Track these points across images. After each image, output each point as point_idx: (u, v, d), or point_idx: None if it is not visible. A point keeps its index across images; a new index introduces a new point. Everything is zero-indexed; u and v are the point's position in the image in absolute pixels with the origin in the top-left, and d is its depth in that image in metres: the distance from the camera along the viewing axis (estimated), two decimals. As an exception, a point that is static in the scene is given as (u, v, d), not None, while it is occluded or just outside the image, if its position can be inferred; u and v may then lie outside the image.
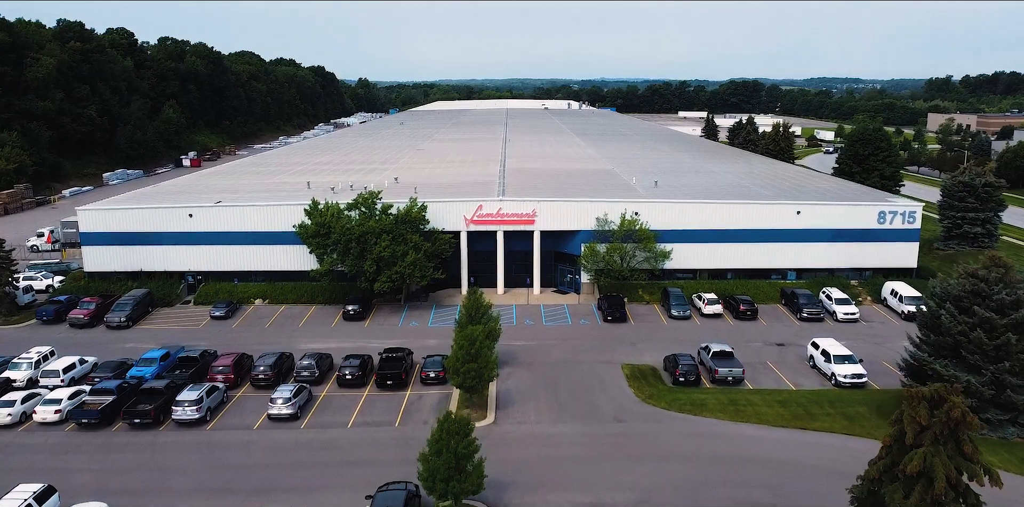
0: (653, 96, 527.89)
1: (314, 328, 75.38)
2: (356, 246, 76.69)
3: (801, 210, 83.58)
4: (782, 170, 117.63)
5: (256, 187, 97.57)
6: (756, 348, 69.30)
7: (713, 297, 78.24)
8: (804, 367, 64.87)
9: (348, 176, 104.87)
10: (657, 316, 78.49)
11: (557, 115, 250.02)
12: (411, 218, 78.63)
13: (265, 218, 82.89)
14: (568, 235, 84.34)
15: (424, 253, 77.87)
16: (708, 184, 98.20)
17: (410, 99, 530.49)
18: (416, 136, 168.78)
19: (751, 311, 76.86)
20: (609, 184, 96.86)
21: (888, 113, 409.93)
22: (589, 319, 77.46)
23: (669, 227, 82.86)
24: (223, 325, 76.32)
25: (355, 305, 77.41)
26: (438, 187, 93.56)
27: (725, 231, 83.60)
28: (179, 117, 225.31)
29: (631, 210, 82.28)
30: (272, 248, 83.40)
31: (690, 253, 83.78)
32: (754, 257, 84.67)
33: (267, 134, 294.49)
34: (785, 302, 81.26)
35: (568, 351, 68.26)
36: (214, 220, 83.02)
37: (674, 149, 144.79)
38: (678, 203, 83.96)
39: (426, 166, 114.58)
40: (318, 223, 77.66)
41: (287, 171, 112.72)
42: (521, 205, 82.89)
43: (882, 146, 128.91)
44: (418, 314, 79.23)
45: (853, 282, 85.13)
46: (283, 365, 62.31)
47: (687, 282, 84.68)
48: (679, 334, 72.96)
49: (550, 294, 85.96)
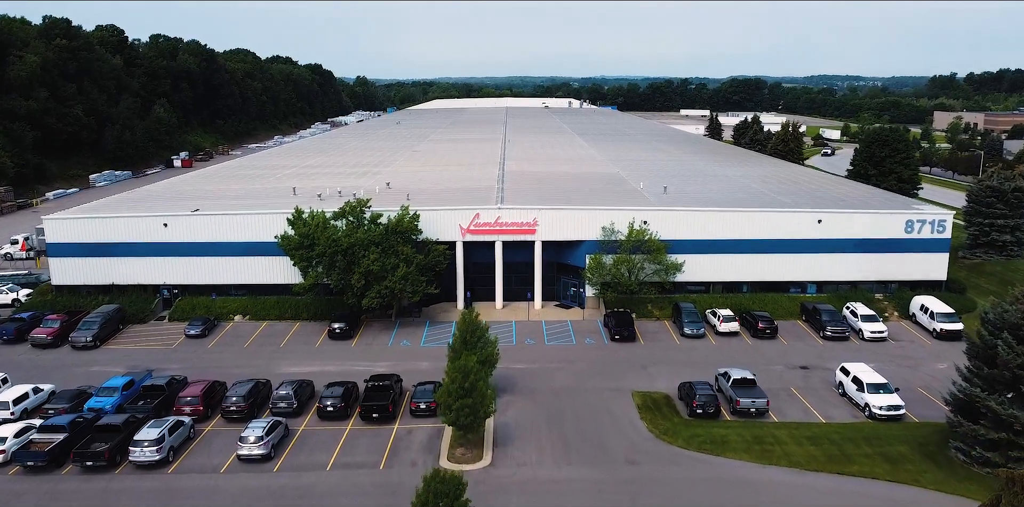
0: (654, 94, 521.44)
1: (297, 348, 69.48)
2: (342, 259, 70.77)
3: (823, 218, 77.60)
4: (797, 173, 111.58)
5: (239, 193, 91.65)
6: (778, 372, 63.38)
7: (729, 314, 72.29)
8: (832, 395, 58.95)
9: (338, 180, 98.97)
10: (668, 334, 72.59)
11: (558, 114, 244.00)
12: (402, 228, 72.71)
13: (245, 228, 76.98)
14: (572, 246, 78.42)
15: (416, 266, 71.99)
16: (720, 189, 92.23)
17: (409, 97, 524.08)
18: (412, 136, 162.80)
19: (770, 329, 70.91)
20: (615, 190, 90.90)
21: (893, 111, 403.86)
22: (595, 338, 71.56)
23: (680, 237, 76.93)
24: (198, 344, 70.43)
25: (342, 323, 71.47)
26: (433, 193, 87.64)
27: (740, 241, 77.65)
28: (170, 116, 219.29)
29: (639, 219, 76.34)
30: (253, 260, 77.51)
31: (703, 265, 77.85)
32: (771, 269, 78.72)
33: (262, 133, 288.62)
34: (806, 318, 75.32)
35: (573, 376, 62.37)
36: (191, 230, 77.09)
37: (681, 150, 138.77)
38: (690, 211, 77.96)
39: (421, 169, 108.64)
40: (302, 234, 71.74)
41: (274, 174, 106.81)
42: (521, 213, 76.97)
43: (899, 147, 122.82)
44: (410, 332, 73.32)
45: (878, 296, 79.19)
46: (259, 394, 56.40)
47: (699, 296, 78.75)
48: (693, 355, 67.08)
49: (552, 309, 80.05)
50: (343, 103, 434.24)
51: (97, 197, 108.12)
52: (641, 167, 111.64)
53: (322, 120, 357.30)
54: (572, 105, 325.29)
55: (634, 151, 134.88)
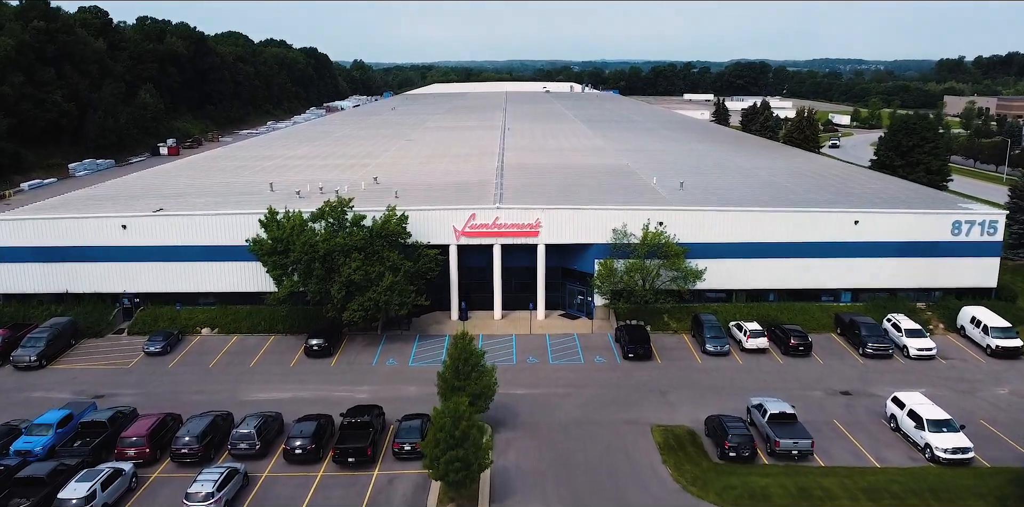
0: (657, 78, 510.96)
1: (269, 368, 61.43)
2: (320, 267, 62.62)
3: (860, 219, 69.34)
4: (824, 166, 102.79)
5: (214, 188, 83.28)
6: (817, 399, 55.38)
7: (757, 328, 64.16)
8: (883, 430, 50.94)
9: (322, 174, 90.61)
10: (688, 350, 64.54)
11: (559, 99, 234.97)
12: (389, 231, 64.51)
13: (214, 230, 68.77)
14: (579, 249, 70.23)
15: (404, 274, 63.88)
16: (741, 185, 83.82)
17: (407, 81, 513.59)
18: (407, 123, 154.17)
19: (804, 346, 62.82)
20: (625, 185, 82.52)
21: (902, 96, 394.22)
22: (606, 355, 63.51)
23: (700, 240, 68.75)
24: (158, 364, 62.39)
25: (320, 338, 63.35)
26: (425, 190, 79.29)
27: (768, 245, 69.44)
28: (157, 102, 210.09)
29: (655, 219, 68.08)
30: (223, 266, 69.33)
31: (724, 271, 69.67)
32: (802, 276, 70.55)
33: (255, 119, 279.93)
34: (841, 331, 67.24)
35: (582, 405, 54.33)
36: (153, 232, 68.88)
37: (692, 138, 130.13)
38: (712, 211, 69.62)
39: (413, 161, 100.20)
40: (275, 238, 63.57)
41: (255, 166, 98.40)
42: (522, 214, 68.72)
43: (928, 136, 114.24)
44: (397, 348, 65.27)
45: (920, 305, 71.12)
46: (217, 432, 48.38)
47: (721, 306, 70.69)
48: (718, 378, 59.04)
49: (557, 319, 71.97)
50: (339, 88, 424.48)
51: (77, 187, 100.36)
52: (651, 158, 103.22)
53: (317, 105, 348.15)
54: (574, 89, 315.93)
55: (642, 140, 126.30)
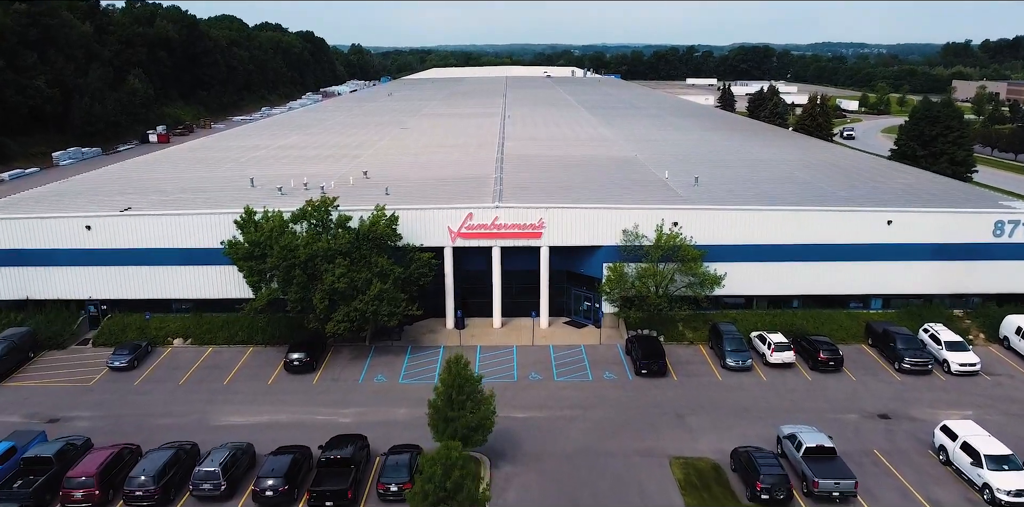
0: (659, 62, 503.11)
1: (245, 385, 55.65)
2: (301, 274, 56.76)
3: (893, 219, 63.40)
4: (845, 157, 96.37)
5: (189, 183, 77.17)
6: (852, 424, 49.64)
7: (782, 341, 58.31)
8: (930, 463, 45.23)
9: (311, 166, 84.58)
10: (706, 364, 58.76)
11: (560, 83, 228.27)
12: (377, 234, 58.56)
13: (187, 231, 62.84)
14: (585, 252, 64.35)
15: (394, 281, 58.02)
16: (759, 179, 77.75)
17: (405, 66, 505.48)
18: (403, 110, 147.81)
19: (834, 361, 57.02)
20: (634, 180, 76.47)
21: (909, 80, 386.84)
22: (616, 370, 57.72)
23: (719, 241, 62.83)
24: (123, 380, 56.61)
25: (301, 352, 57.50)
26: (417, 186, 73.24)
27: (792, 247, 63.50)
28: (146, 88, 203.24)
29: (669, 219, 62.14)
30: (197, 270, 63.50)
31: (745, 275, 63.78)
32: (829, 281, 64.68)
33: (249, 105, 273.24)
34: (872, 342, 61.50)
35: (591, 431, 48.58)
36: (120, 233, 62.96)
37: (701, 126, 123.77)
38: (733, 211, 63.59)
39: (407, 153, 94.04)
40: (252, 241, 57.67)
41: (238, 158, 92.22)
42: (524, 213, 62.75)
43: (952, 125, 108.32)
44: (387, 362, 59.48)
45: (957, 313, 65.32)
46: (179, 468, 42.69)
47: (740, 313, 64.94)
48: (741, 397, 53.28)
49: (562, 327, 66.18)
50: (336, 72, 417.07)
51: (62, 176, 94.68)
52: (660, 149, 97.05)
53: (314, 90, 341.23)
54: (575, 74, 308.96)
55: (648, 128, 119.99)
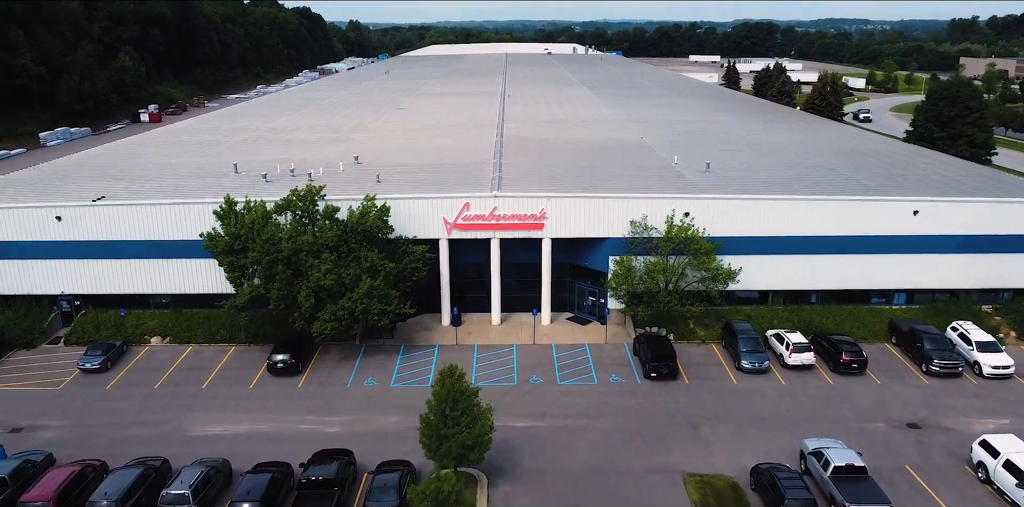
0: (661, 39, 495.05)
1: (225, 390, 51.81)
2: (284, 269, 52.75)
3: (920, 209, 59.23)
4: (865, 141, 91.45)
5: (170, 169, 72.90)
6: (880, 435, 45.85)
7: (802, 341, 54.38)
8: (968, 480, 41.49)
9: (300, 150, 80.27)
10: (719, 366, 54.89)
11: (562, 61, 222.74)
12: (367, 226, 54.46)
13: (165, 221, 58.74)
14: (590, 244, 60.30)
15: (385, 278, 54.03)
16: (774, 164, 73.44)
17: (404, 43, 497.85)
18: (400, 89, 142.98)
19: (857, 363, 53.11)
20: (642, 166, 72.19)
21: (916, 57, 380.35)
22: (623, 372, 53.85)
23: (733, 233, 58.77)
24: (95, 384, 52.79)
25: (286, 354, 53.61)
26: (411, 172, 68.98)
27: (811, 239, 59.37)
28: (137, 66, 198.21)
29: (680, 209, 58.03)
30: (176, 264, 59.51)
31: (759, 269, 59.76)
32: (850, 275, 60.63)
33: (244, 83, 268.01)
34: (896, 341, 57.64)
35: (597, 444, 44.80)
36: (93, 224, 58.89)
37: (708, 107, 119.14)
38: (748, 200, 59.38)
39: (402, 135, 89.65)
40: (232, 234, 53.60)
41: (225, 141, 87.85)
42: (525, 203, 58.59)
43: (972, 105, 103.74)
44: (378, 362, 55.62)
45: (986, 308, 61.40)
46: (146, 490, 38.92)
47: (755, 309, 61.03)
48: (759, 405, 49.44)
49: (565, 324, 62.29)
50: (334, 49, 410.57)
51: (49, 158, 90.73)
52: (667, 131, 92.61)
53: (311, 68, 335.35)
54: (576, 51, 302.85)
55: (654, 108, 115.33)
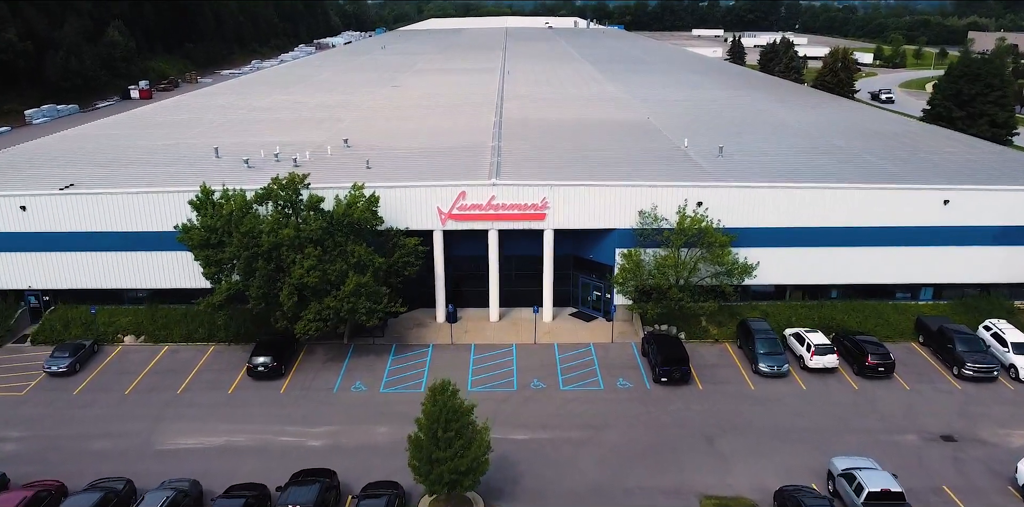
0: (663, 13, 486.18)
1: (201, 396, 47.93)
2: (264, 265, 48.66)
3: (950, 198, 54.97)
4: (886, 122, 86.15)
5: (147, 153, 68.49)
6: (912, 449, 42.05)
7: (824, 343, 50.36)
8: (1013, 502, 37.76)
9: (288, 131, 75.85)
10: (734, 368, 50.98)
11: (563, 35, 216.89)
12: (354, 218, 50.23)
13: (139, 211, 54.53)
14: (596, 235, 56.14)
15: (374, 274, 49.95)
16: (791, 148, 68.99)
17: (403, 16, 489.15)
18: (396, 65, 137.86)
19: (884, 366, 49.17)
20: (650, 149, 67.80)
21: (923, 31, 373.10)
22: (632, 376, 49.93)
23: (748, 223, 54.57)
24: (62, 389, 48.93)
25: (267, 356, 49.65)
26: (404, 157, 64.64)
27: (833, 230, 55.16)
28: (127, 41, 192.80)
29: (693, 198, 53.80)
30: (151, 256, 55.43)
31: (777, 262, 55.68)
32: (874, 268, 56.51)
33: (239, 58, 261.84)
34: (924, 340, 53.71)
35: (604, 460, 40.99)
36: (60, 214, 54.70)
37: (715, 83, 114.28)
38: (766, 188, 55.05)
39: (395, 116, 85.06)
40: (208, 226, 49.41)
41: (209, 121, 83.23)
42: (525, 192, 54.30)
43: (994, 83, 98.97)
44: (367, 364, 51.71)
45: (1019, 304, 57.40)
46: (105, 516, 35.27)
47: (772, 305, 57.05)
48: (779, 414, 45.56)
49: (568, 320, 58.31)
50: (331, 23, 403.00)
51: (34, 136, 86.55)
52: (674, 110, 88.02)
53: (307, 42, 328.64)
54: (577, 25, 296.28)
55: (659, 86, 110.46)
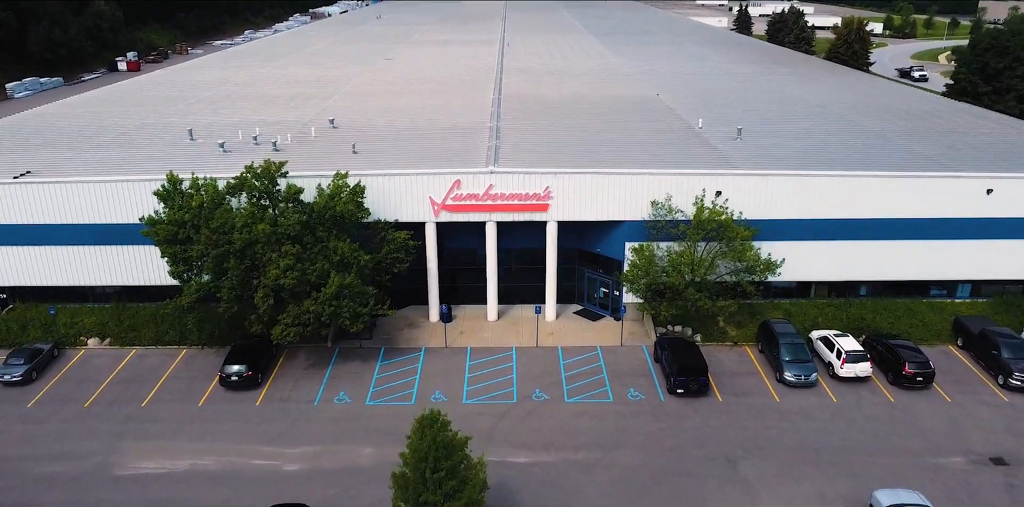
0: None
1: (168, 409, 43.30)
2: (236, 264, 43.82)
3: (994, 187, 49.94)
4: (914, 99, 79.89)
5: (117, 135, 63.34)
6: (960, 475, 37.52)
7: (856, 349, 45.61)
8: (1080, 542, 33.40)
9: (271, 109, 70.60)
10: (756, 376, 46.33)
11: (564, 5, 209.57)
12: (335, 211, 45.25)
13: (103, 202, 49.57)
14: (603, 228, 51.18)
15: (359, 272, 45.12)
16: (816, 129, 63.59)
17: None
18: (390, 37, 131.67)
19: (923, 376, 44.49)
20: (660, 130, 62.58)
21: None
22: (643, 386, 45.28)
23: (772, 215, 49.65)
24: (14, 401, 44.31)
25: (241, 364, 44.90)
26: (395, 138, 59.43)
27: (863, 221, 50.15)
28: (114, 10, 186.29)
29: (711, 187, 48.82)
30: (117, 251, 50.62)
31: (802, 257, 50.79)
32: (908, 263, 51.63)
33: (232, 28, 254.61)
34: (964, 344, 49.05)
35: (615, 488, 36.44)
36: (15, 205, 49.73)
37: (726, 56, 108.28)
38: (795, 176, 49.88)
39: (386, 92, 79.57)
40: (175, 220, 44.47)
41: (188, 98, 77.68)
42: (527, 180, 49.24)
43: (1022, 56, 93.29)
44: (353, 371, 47.05)
45: (1065, 302, 52.75)
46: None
47: (795, 303, 52.34)
48: (809, 431, 40.95)
49: (573, 319, 53.56)
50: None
51: (17, 110, 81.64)
52: (684, 86, 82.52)
53: (302, 11, 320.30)
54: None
55: (666, 58, 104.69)
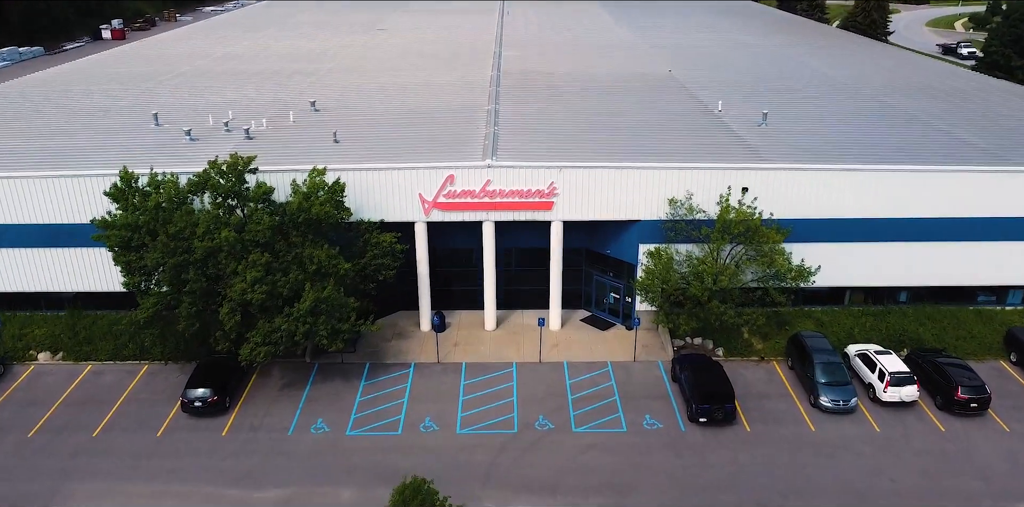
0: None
1: (122, 441, 38.09)
2: (197, 276, 38.40)
3: (1055, 183, 44.56)
4: (951, 77, 73.08)
5: (75, 121, 57.45)
6: (1030, 526, 32.61)
7: (902, 370, 40.31)
8: None
9: (248, 88, 64.63)
10: (787, 398, 41.19)
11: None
12: (311, 213, 39.70)
13: (54, 200, 44.05)
14: (614, 228, 45.72)
15: (338, 283, 39.73)
16: (850, 112, 57.39)
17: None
18: (383, 6, 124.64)
19: (978, 402, 39.33)
20: (676, 113, 56.67)
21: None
22: (660, 411, 40.08)
23: (804, 214, 44.21)
24: (-50, 427, 39.36)
25: (206, 387, 39.64)
26: (381, 124, 53.59)
27: (906, 221, 44.68)
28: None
29: (737, 183, 43.31)
30: (71, 253, 45.22)
31: (837, 260, 45.40)
32: (952, 267, 46.23)
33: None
34: (1016, 359, 43.90)
35: (632, 547, 31.58)
36: (-47, 202, 44.39)
37: (740, 27, 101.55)
38: (834, 171, 44.22)
39: (376, 68, 73.36)
40: (128, 224, 38.95)
41: (161, 74, 71.33)
42: (529, 175, 43.64)
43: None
44: (333, 393, 41.86)
45: None
46: None
47: (827, 311, 47.08)
48: (850, 468, 35.87)
49: (579, 328, 48.27)
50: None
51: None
52: (698, 60, 76.37)
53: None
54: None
55: (675, 29, 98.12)
